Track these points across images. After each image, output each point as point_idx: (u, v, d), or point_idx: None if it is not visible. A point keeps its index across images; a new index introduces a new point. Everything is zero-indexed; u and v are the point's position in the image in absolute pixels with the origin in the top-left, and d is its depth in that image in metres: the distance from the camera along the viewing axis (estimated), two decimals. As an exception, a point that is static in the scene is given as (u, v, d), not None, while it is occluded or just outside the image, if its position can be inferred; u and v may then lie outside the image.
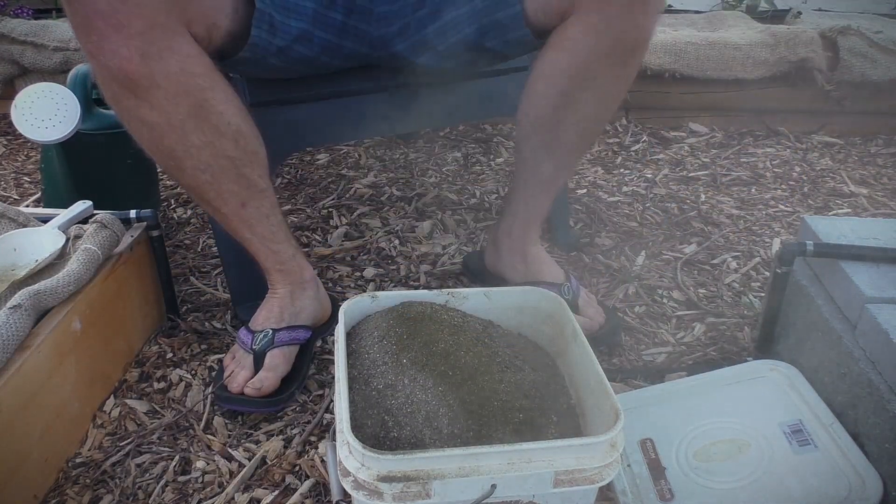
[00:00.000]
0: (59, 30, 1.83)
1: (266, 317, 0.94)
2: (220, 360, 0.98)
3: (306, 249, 1.30)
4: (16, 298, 0.79)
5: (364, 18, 0.93)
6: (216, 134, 0.80)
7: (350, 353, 0.71)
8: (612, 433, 0.58)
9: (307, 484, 0.80)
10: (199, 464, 0.83)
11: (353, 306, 0.76)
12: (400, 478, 0.55)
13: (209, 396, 0.93)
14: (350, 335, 0.75)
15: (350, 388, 0.65)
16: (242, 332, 0.94)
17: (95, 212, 1.00)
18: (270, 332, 0.92)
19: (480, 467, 0.56)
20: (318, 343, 1.02)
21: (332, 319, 1.03)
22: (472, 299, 0.79)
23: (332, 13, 0.91)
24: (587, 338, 0.73)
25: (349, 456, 0.57)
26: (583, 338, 0.71)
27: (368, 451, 0.55)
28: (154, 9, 0.71)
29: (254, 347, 0.91)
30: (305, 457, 0.84)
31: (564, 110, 0.90)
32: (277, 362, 0.91)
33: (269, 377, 0.90)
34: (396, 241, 1.33)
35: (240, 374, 0.90)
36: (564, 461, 0.57)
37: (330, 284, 1.18)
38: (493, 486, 0.56)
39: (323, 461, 0.83)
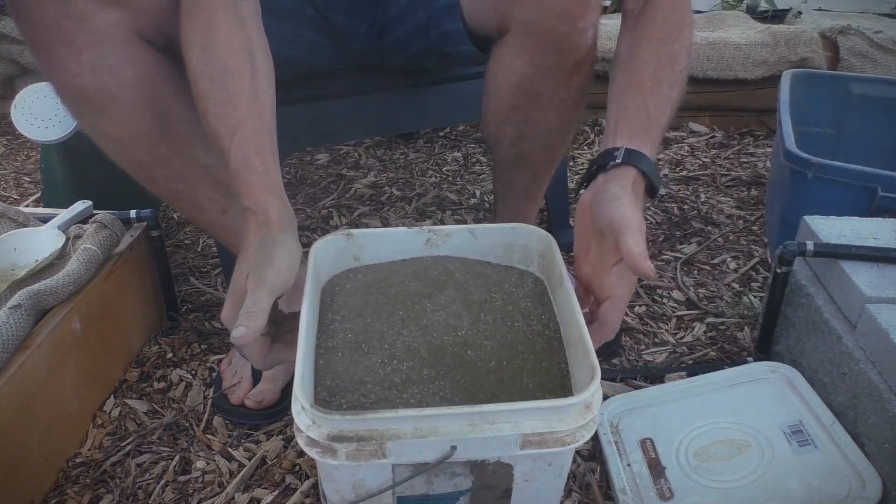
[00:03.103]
0: (59, 30, 1.83)
1: None
2: (220, 361, 0.98)
3: (307, 250, 1.30)
4: (16, 298, 0.79)
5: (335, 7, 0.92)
6: (184, 142, 0.77)
7: (323, 323, 0.67)
8: (585, 394, 0.54)
9: (307, 483, 0.80)
10: (199, 464, 0.83)
11: (326, 245, 0.70)
12: (352, 438, 0.52)
13: (209, 399, 0.93)
14: (325, 303, 0.69)
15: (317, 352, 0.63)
16: None
17: (95, 212, 1.00)
18: None
19: (438, 428, 0.53)
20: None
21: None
22: (455, 237, 0.72)
23: (303, 7, 0.90)
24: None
25: (301, 412, 0.54)
26: (569, 285, 0.66)
27: (318, 409, 0.52)
28: (101, 22, 0.68)
29: None
30: (306, 456, 0.84)
31: (522, 126, 0.88)
32: (277, 373, 0.89)
33: (269, 390, 0.89)
34: (396, 241, 1.33)
35: (240, 385, 0.89)
36: (531, 424, 0.54)
37: (330, 284, 1.18)
38: (454, 448, 0.54)
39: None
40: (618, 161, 0.68)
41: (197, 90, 0.67)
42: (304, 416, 0.54)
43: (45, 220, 0.99)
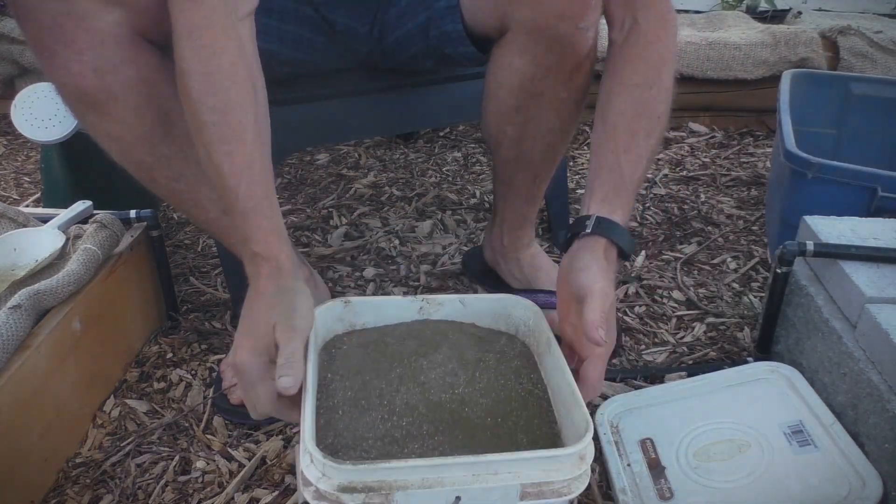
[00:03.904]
0: (59, 30, 1.83)
1: None
2: (220, 361, 0.98)
3: (306, 250, 1.30)
4: (16, 298, 0.79)
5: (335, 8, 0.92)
6: (186, 142, 0.76)
7: (322, 384, 0.69)
8: (580, 445, 0.57)
9: (307, 484, 0.80)
10: (199, 464, 0.83)
11: (325, 312, 0.74)
12: (361, 489, 0.55)
13: (209, 399, 0.93)
14: (322, 364, 0.72)
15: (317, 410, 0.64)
16: None
17: (95, 212, 1.00)
18: None
19: (444, 479, 0.56)
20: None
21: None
22: (447, 306, 0.77)
23: (302, 7, 0.90)
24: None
25: (310, 465, 0.56)
26: (556, 347, 0.70)
27: (329, 460, 0.54)
28: (102, 21, 0.68)
29: None
30: (305, 457, 0.84)
31: (522, 126, 0.88)
32: None
33: None
34: (396, 241, 1.33)
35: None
36: (531, 473, 0.57)
37: (330, 284, 1.18)
38: (458, 499, 0.56)
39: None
40: (587, 231, 0.71)
41: (198, 121, 0.66)
42: (314, 469, 0.55)
43: (45, 220, 0.99)
